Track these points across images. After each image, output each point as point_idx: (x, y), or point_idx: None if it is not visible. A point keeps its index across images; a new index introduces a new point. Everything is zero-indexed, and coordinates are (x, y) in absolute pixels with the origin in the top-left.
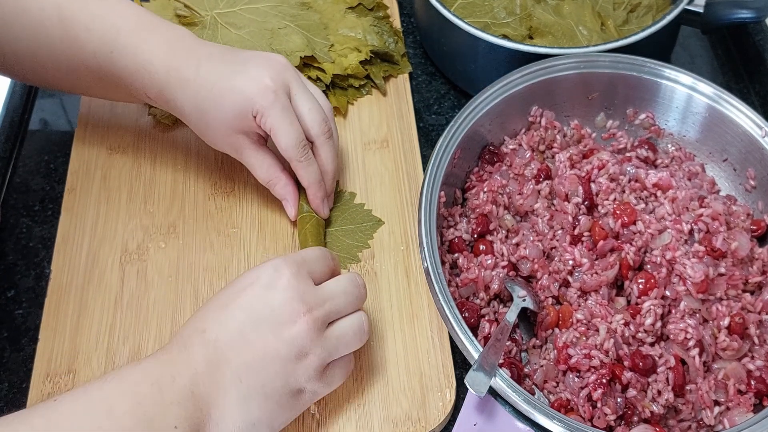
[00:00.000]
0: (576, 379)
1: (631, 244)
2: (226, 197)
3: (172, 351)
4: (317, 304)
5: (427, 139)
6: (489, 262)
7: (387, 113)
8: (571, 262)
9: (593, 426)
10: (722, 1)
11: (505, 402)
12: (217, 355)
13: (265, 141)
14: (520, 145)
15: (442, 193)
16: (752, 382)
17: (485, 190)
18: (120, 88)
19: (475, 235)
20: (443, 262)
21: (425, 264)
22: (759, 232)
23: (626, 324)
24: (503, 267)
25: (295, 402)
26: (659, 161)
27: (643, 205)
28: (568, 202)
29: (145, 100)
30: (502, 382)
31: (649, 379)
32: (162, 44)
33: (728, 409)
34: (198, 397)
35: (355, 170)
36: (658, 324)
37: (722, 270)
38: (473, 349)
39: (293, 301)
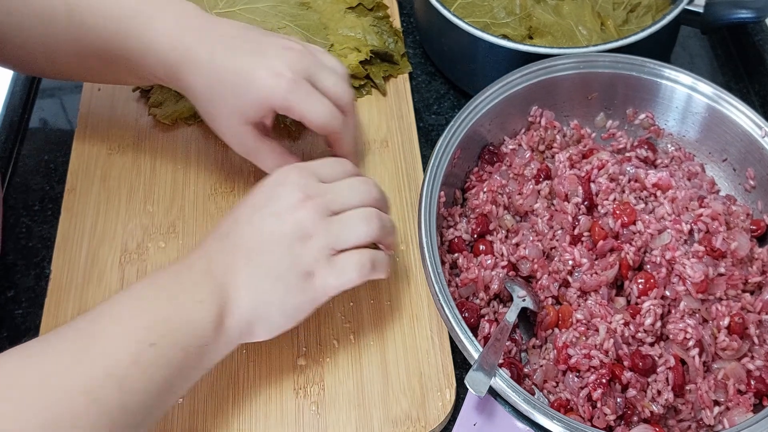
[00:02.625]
0: (576, 379)
1: (630, 244)
2: (226, 197)
3: (191, 252)
4: (319, 194)
5: (427, 139)
6: (489, 262)
7: (387, 113)
8: (570, 262)
9: (593, 426)
10: (722, 1)
11: (505, 402)
12: (228, 243)
13: (270, 131)
14: (520, 145)
15: (442, 193)
16: (752, 382)
17: (485, 190)
18: (129, 71)
19: (475, 235)
20: (443, 262)
21: (425, 264)
22: (759, 232)
23: (626, 324)
24: (503, 267)
25: (305, 286)
26: (659, 161)
27: (642, 205)
28: (568, 202)
29: (155, 81)
30: (502, 382)
31: (649, 379)
32: (170, 22)
33: (728, 409)
34: (215, 276)
35: None
36: (658, 324)
37: (722, 270)
38: (473, 350)
39: (296, 191)
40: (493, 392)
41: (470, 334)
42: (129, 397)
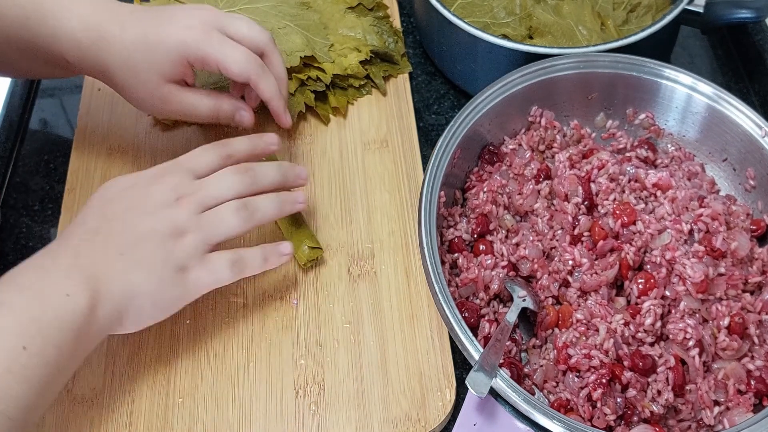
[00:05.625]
0: (576, 379)
1: (630, 244)
2: None
3: (50, 245)
4: (192, 192)
5: (427, 139)
6: (489, 262)
7: (387, 113)
8: (570, 262)
9: (593, 426)
10: (722, 1)
11: (505, 402)
12: (99, 238)
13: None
14: (520, 145)
15: (442, 193)
16: (752, 382)
17: (485, 190)
18: (44, 59)
19: (475, 235)
20: (443, 262)
21: (425, 264)
22: (759, 232)
23: (626, 324)
24: (503, 267)
25: (179, 280)
26: (659, 161)
27: (642, 205)
28: (568, 202)
29: (66, 67)
30: (502, 382)
31: (649, 379)
32: (83, 4)
33: (728, 409)
34: (82, 269)
35: (355, 170)
36: (658, 324)
37: (722, 270)
38: (473, 350)
39: (169, 191)
40: (493, 392)
41: (470, 334)
42: (7, 405)
